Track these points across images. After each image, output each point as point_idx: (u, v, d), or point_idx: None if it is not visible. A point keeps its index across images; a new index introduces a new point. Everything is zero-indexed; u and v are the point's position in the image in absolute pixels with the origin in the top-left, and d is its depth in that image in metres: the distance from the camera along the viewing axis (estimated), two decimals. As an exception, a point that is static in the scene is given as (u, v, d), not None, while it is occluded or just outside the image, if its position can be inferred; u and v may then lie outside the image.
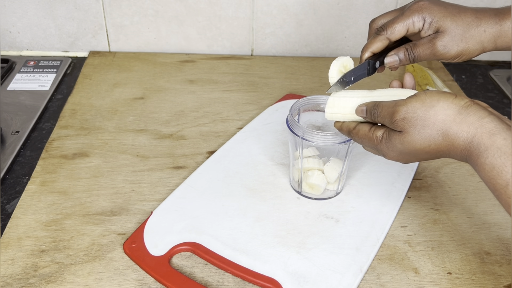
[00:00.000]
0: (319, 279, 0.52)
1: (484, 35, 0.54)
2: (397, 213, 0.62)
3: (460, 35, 0.54)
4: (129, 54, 1.00)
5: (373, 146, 0.51)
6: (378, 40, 0.55)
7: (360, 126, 0.52)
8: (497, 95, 0.92)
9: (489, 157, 0.42)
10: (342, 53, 1.03)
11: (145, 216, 0.61)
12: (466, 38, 0.54)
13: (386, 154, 0.50)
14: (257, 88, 0.90)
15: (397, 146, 0.48)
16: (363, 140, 0.51)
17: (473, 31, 0.54)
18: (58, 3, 0.94)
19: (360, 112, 0.51)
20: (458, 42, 0.54)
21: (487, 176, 0.43)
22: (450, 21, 0.54)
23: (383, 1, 0.97)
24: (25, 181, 0.66)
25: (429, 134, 0.45)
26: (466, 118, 0.44)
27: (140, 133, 0.77)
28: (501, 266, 0.56)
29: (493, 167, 0.42)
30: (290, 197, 0.64)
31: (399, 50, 0.56)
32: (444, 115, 0.45)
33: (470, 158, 0.44)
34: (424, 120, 0.45)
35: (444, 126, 0.45)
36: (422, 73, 0.90)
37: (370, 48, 0.55)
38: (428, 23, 0.54)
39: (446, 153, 0.46)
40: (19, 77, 0.90)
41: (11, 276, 0.53)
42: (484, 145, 0.43)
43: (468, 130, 0.44)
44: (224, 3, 0.96)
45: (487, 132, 0.43)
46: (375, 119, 0.50)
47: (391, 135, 0.48)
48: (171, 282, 0.51)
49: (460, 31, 0.54)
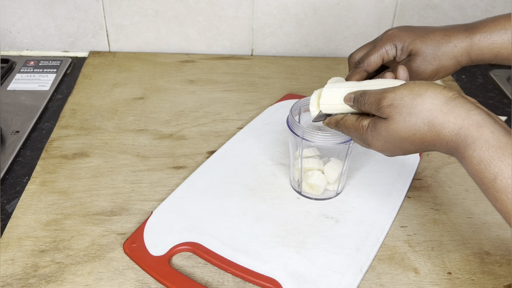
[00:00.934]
0: (319, 279, 0.52)
1: (456, 50, 0.56)
2: (397, 213, 0.62)
3: (432, 54, 0.56)
4: (129, 54, 1.00)
5: (359, 136, 0.51)
6: (357, 73, 0.58)
7: (348, 116, 0.52)
8: (497, 95, 0.92)
9: (477, 149, 0.42)
10: (342, 53, 1.03)
11: (145, 216, 0.61)
12: (439, 56, 0.56)
13: (371, 143, 0.50)
14: (257, 88, 0.90)
15: (382, 134, 0.48)
16: (350, 130, 0.52)
17: (444, 48, 0.56)
18: (58, 3, 0.94)
19: (348, 100, 0.52)
20: (431, 61, 0.56)
21: (474, 170, 0.43)
22: (420, 43, 0.56)
23: (383, 1, 0.97)
24: (25, 181, 0.66)
25: (414, 122, 0.45)
26: (454, 109, 0.44)
27: (140, 133, 0.77)
28: (501, 266, 0.56)
29: (481, 160, 0.42)
30: (290, 197, 0.64)
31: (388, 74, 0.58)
32: (431, 104, 0.45)
33: (457, 151, 0.44)
34: (410, 107, 0.45)
35: (430, 115, 0.45)
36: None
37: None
38: (400, 49, 0.57)
39: (431, 144, 0.46)
40: (19, 77, 0.90)
41: (11, 276, 0.53)
42: (472, 137, 0.43)
43: (455, 122, 0.44)
44: (224, 3, 0.96)
45: (475, 124, 0.43)
46: (362, 107, 0.50)
47: (376, 123, 0.48)
48: (171, 282, 0.51)
49: (431, 51, 0.56)
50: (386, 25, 1.00)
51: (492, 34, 0.56)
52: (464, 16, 0.99)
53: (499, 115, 0.83)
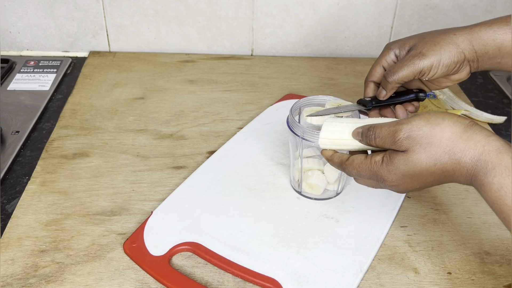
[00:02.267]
0: (319, 279, 0.52)
1: (455, 37, 0.56)
2: (397, 213, 0.62)
3: (431, 41, 0.56)
4: (129, 54, 1.00)
5: (371, 174, 0.48)
6: (366, 87, 0.62)
7: (354, 156, 0.50)
8: (497, 95, 0.92)
9: (497, 176, 0.41)
10: (342, 53, 1.03)
11: (145, 216, 0.61)
12: (439, 42, 0.56)
13: (386, 178, 0.47)
14: (257, 88, 0.90)
15: (400, 168, 0.46)
16: (359, 169, 0.49)
17: (443, 36, 0.56)
18: (58, 3, 0.94)
19: (357, 134, 0.50)
20: (432, 46, 0.56)
21: (493, 196, 0.42)
22: (417, 38, 0.58)
23: (383, 1, 0.97)
24: (25, 181, 0.66)
25: (435, 152, 0.44)
26: (473, 136, 0.43)
27: (140, 133, 0.77)
28: (501, 266, 0.56)
29: (501, 186, 0.41)
30: (290, 197, 0.64)
31: (382, 80, 0.60)
32: (450, 133, 0.44)
33: (476, 178, 0.43)
34: (430, 137, 0.44)
35: (450, 143, 0.44)
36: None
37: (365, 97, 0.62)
38: (398, 51, 0.59)
39: (451, 173, 0.45)
40: (19, 77, 0.90)
41: (11, 276, 0.53)
42: (492, 163, 0.42)
43: (475, 148, 0.43)
44: (224, 3, 0.96)
45: (495, 150, 0.42)
46: (372, 141, 0.48)
47: (393, 156, 0.46)
48: (171, 282, 0.51)
49: (430, 39, 0.56)
50: (386, 25, 1.00)
51: (492, 26, 0.55)
52: (464, 16, 0.99)
53: (499, 115, 0.83)
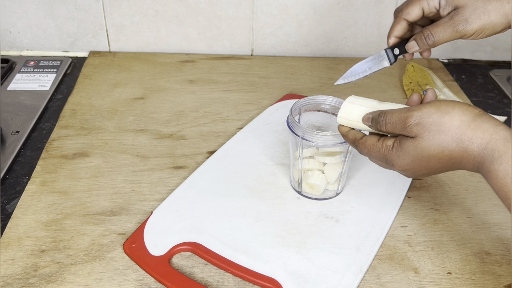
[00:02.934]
0: (319, 279, 0.52)
1: (508, 6, 0.53)
2: (397, 213, 0.62)
3: (481, 7, 0.52)
4: (129, 54, 1.00)
5: (381, 156, 0.49)
6: (397, 23, 0.56)
7: (368, 137, 0.51)
8: (497, 95, 0.92)
9: (503, 163, 0.42)
10: (342, 53, 1.03)
11: (145, 216, 0.61)
12: (488, 10, 0.52)
13: (395, 163, 0.48)
14: (257, 88, 0.90)
15: (409, 153, 0.47)
16: (371, 150, 0.50)
17: (495, 3, 0.53)
18: (58, 3, 0.94)
19: (367, 120, 0.51)
20: (479, 14, 0.52)
21: (499, 184, 0.42)
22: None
23: (383, 1, 0.97)
24: (25, 181, 0.66)
25: (444, 139, 0.45)
26: (481, 125, 0.44)
27: (140, 133, 0.77)
28: (501, 266, 0.56)
29: (507, 173, 0.42)
30: (290, 197, 0.64)
31: (417, 35, 0.56)
32: (459, 121, 0.44)
33: (483, 165, 0.43)
34: (439, 125, 0.45)
35: (459, 131, 0.44)
36: (422, 73, 0.90)
37: (393, 33, 0.57)
38: (444, 0, 0.54)
39: (458, 161, 0.45)
40: (19, 77, 0.90)
41: (11, 276, 0.53)
42: (499, 151, 0.42)
43: (482, 136, 0.43)
44: (224, 3, 0.96)
45: (502, 138, 0.43)
46: (382, 127, 0.49)
47: (403, 142, 0.47)
48: (171, 282, 0.51)
49: (480, 4, 0.52)
50: (386, 25, 0.99)
51: None
52: (464, 16, 0.99)
53: (499, 115, 0.83)
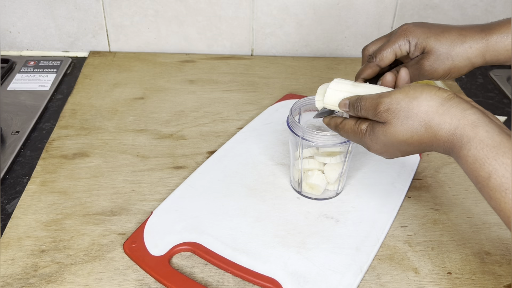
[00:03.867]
0: (319, 279, 0.52)
1: (470, 51, 0.55)
2: (397, 213, 0.62)
3: (446, 54, 0.55)
4: (129, 54, 1.00)
5: (358, 139, 0.51)
6: (369, 68, 0.58)
7: (346, 120, 0.53)
8: (497, 95, 0.92)
9: (472, 149, 0.43)
10: (342, 53, 1.03)
11: (145, 216, 0.61)
12: (452, 56, 0.55)
13: (370, 146, 0.50)
14: (257, 88, 0.90)
15: (380, 138, 0.48)
16: (349, 134, 0.52)
17: (458, 49, 0.55)
18: (58, 3, 0.94)
19: (344, 105, 0.52)
20: (444, 60, 0.55)
21: (469, 169, 0.43)
22: (434, 41, 0.55)
23: (383, 1, 0.97)
24: (25, 181, 0.66)
25: (412, 125, 0.46)
26: (449, 110, 0.44)
27: (140, 133, 0.77)
28: (501, 266, 0.56)
29: (476, 159, 0.42)
30: (290, 197, 0.64)
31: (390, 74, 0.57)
32: (426, 106, 0.45)
33: (453, 150, 0.44)
34: (407, 111, 0.46)
35: (426, 117, 0.45)
36: (422, 73, 0.90)
37: (362, 75, 0.58)
38: (413, 45, 0.57)
39: (429, 145, 0.46)
40: (19, 77, 0.90)
41: (11, 276, 0.53)
42: (467, 136, 0.43)
43: (450, 122, 0.44)
44: (224, 3, 0.96)
45: (470, 123, 0.43)
46: (358, 112, 0.50)
47: (374, 127, 0.49)
48: (171, 282, 0.51)
49: (445, 50, 0.55)
50: (386, 25, 1.00)
51: (509, 35, 0.55)
52: (464, 16, 0.99)
53: (499, 115, 0.83)
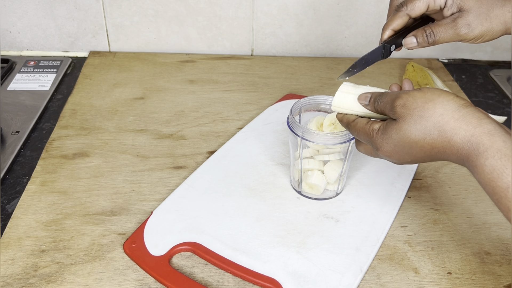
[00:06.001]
0: (319, 279, 0.52)
1: (509, 15, 0.53)
2: (397, 213, 0.62)
3: (485, 14, 0.53)
4: (129, 54, 1.00)
5: (368, 139, 0.50)
6: (398, 17, 0.55)
7: (359, 119, 0.52)
8: (497, 95, 0.92)
9: (489, 158, 0.41)
10: (342, 53, 1.03)
11: (145, 216, 0.61)
12: (491, 18, 0.53)
13: (380, 147, 0.48)
14: (257, 88, 0.90)
15: (392, 136, 0.47)
16: (360, 132, 0.51)
17: (498, 11, 0.53)
18: (58, 3, 0.94)
19: (364, 99, 0.51)
20: (482, 21, 0.53)
21: (486, 179, 0.42)
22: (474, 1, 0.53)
23: (383, 1, 0.97)
24: (25, 181, 0.66)
25: (425, 125, 0.45)
26: (465, 116, 0.43)
27: (140, 133, 0.77)
28: (501, 266, 0.56)
29: (494, 169, 0.41)
30: (290, 197, 0.64)
31: (418, 31, 0.55)
32: (442, 109, 0.44)
33: (468, 159, 0.43)
34: (422, 110, 0.45)
35: (441, 120, 0.44)
36: (422, 73, 0.90)
37: (391, 26, 0.55)
38: (451, 0, 0.54)
39: (441, 151, 0.45)
40: (19, 77, 0.90)
41: (11, 276, 0.53)
42: (484, 145, 0.42)
43: (466, 128, 0.43)
44: (224, 3, 0.96)
45: (487, 132, 0.42)
46: (378, 105, 0.49)
47: (387, 125, 0.47)
48: (171, 282, 0.51)
49: (484, 10, 0.53)
50: (386, 25, 0.99)
51: None
52: (464, 16, 0.99)
53: (499, 115, 0.83)
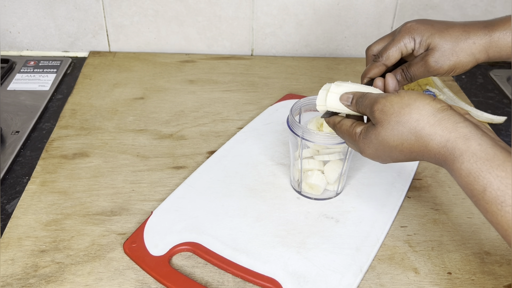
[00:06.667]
0: (319, 279, 0.52)
1: (474, 46, 0.55)
2: (397, 213, 0.62)
3: (450, 50, 0.55)
4: (129, 54, 1.00)
5: (352, 141, 0.51)
6: (375, 67, 0.58)
7: (344, 120, 0.53)
8: (497, 95, 0.92)
9: (465, 162, 0.42)
10: (342, 53, 1.03)
11: (145, 216, 0.61)
12: (457, 52, 0.55)
13: (363, 150, 0.50)
14: (257, 88, 0.90)
15: (373, 141, 0.48)
16: (344, 134, 0.52)
17: (463, 44, 0.55)
18: (58, 3, 0.94)
19: (346, 99, 0.52)
20: (449, 56, 0.56)
21: (464, 182, 0.43)
22: (439, 37, 0.56)
23: (383, 1, 0.97)
24: (25, 181, 0.66)
25: (402, 131, 0.46)
26: (440, 122, 0.44)
27: (140, 133, 0.77)
28: (501, 266, 0.56)
29: (469, 172, 0.42)
30: (290, 197, 0.64)
31: (396, 72, 0.59)
32: (418, 115, 0.45)
33: (445, 163, 0.44)
34: (398, 115, 0.46)
35: (417, 126, 0.45)
36: (422, 73, 0.90)
37: (368, 74, 0.58)
38: (418, 43, 0.57)
39: (420, 154, 0.46)
40: (19, 77, 0.90)
41: (11, 276, 0.53)
42: (459, 150, 0.43)
43: (441, 134, 0.44)
44: (224, 3, 0.96)
45: (462, 136, 0.43)
46: (359, 107, 0.50)
47: (368, 130, 0.49)
48: (171, 282, 0.51)
49: (449, 46, 0.55)
50: (386, 25, 1.00)
51: (510, 32, 0.55)
52: (464, 16, 0.99)
53: (499, 115, 0.83)
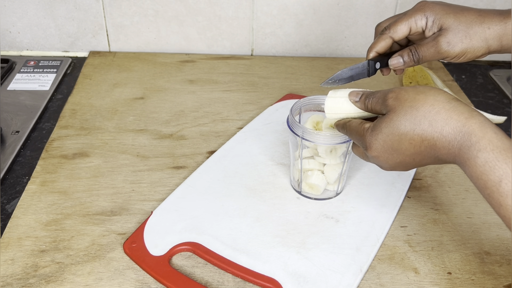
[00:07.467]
0: (319, 279, 0.52)
1: (489, 32, 0.54)
2: (397, 213, 0.62)
3: (464, 32, 0.54)
4: (129, 54, 1.00)
5: (359, 137, 0.50)
6: (382, 40, 0.56)
7: (353, 120, 0.52)
8: (497, 95, 0.92)
9: (482, 150, 0.40)
10: (342, 53, 1.03)
11: (145, 216, 0.61)
12: (470, 35, 0.54)
13: (369, 145, 0.48)
14: (257, 88, 0.90)
15: (382, 130, 0.47)
16: (352, 132, 0.51)
17: (477, 28, 0.54)
18: (58, 3, 0.94)
19: (355, 95, 0.52)
20: (462, 38, 0.54)
21: (478, 172, 0.40)
22: (453, 18, 0.54)
23: (383, 1, 0.97)
24: (25, 181, 0.66)
25: (415, 115, 0.44)
26: (456, 108, 0.43)
27: (140, 133, 0.77)
28: (501, 266, 0.56)
29: (486, 161, 0.40)
30: (290, 197, 0.64)
31: (403, 52, 0.57)
32: (433, 100, 0.44)
33: (460, 151, 0.42)
34: (413, 101, 0.45)
35: (432, 110, 0.44)
36: (422, 73, 0.90)
37: (375, 48, 0.56)
38: (431, 21, 0.55)
39: (431, 143, 0.44)
40: (19, 77, 0.90)
41: (11, 276, 0.53)
42: (476, 135, 0.41)
43: (458, 119, 0.42)
44: (224, 3, 0.96)
45: (478, 122, 0.42)
46: (368, 103, 0.50)
47: (378, 121, 0.48)
48: (171, 282, 0.51)
49: (463, 28, 0.54)
50: (386, 25, 0.99)
51: None
52: (464, 16, 0.99)
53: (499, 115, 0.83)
